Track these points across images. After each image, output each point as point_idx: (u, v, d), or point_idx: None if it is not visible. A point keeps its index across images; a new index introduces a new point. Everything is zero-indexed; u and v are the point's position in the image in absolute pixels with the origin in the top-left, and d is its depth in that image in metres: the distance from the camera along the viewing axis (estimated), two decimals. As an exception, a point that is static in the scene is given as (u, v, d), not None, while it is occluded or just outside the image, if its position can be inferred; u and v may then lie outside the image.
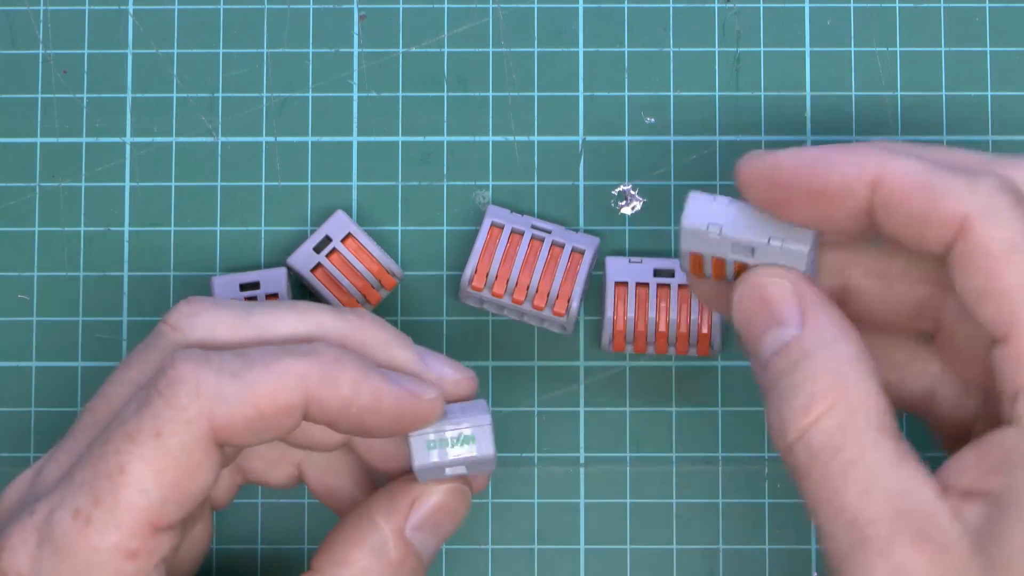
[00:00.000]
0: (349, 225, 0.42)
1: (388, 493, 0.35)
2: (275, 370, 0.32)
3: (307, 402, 0.32)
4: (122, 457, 0.31)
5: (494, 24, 0.45)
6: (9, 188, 0.44)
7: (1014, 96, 0.44)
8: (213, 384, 0.31)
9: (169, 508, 0.31)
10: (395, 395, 0.33)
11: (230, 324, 0.34)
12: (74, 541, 0.31)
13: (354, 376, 0.32)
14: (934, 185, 0.30)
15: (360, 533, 0.34)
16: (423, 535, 0.35)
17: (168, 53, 0.44)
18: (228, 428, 0.31)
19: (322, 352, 0.33)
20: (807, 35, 0.44)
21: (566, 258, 0.42)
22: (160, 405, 0.31)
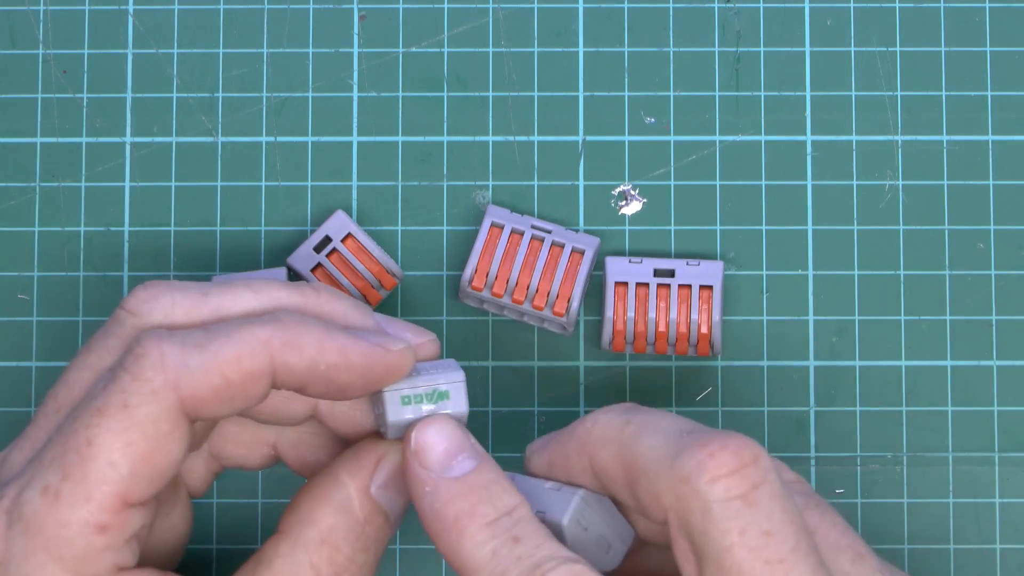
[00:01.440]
0: (349, 225, 0.42)
1: (354, 452, 0.35)
2: (237, 338, 0.32)
3: (273, 367, 0.32)
4: (90, 431, 0.31)
5: (494, 24, 0.45)
6: (9, 188, 0.44)
7: (1014, 96, 0.44)
8: (178, 355, 0.31)
9: (139, 482, 0.31)
10: (362, 349, 0.33)
11: (187, 307, 0.34)
12: (44, 517, 0.31)
13: (318, 336, 0.32)
14: (636, 471, 0.32)
15: (325, 491, 0.34)
16: (389, 493, 0.35)
17: (168, 53, 0.44)
18: (196, 398, 0.31)
19: (284, 318, 0.33)
20: (807, 35, 0.44)
21: (566, 258, 0.42)
22: (126, 379, 0.31)
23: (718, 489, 0.30)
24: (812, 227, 0.44)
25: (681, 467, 0.30)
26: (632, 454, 0.32)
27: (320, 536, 0.34)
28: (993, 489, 0.43)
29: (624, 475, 0.32)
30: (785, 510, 0.30)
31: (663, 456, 0.31)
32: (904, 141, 0.44)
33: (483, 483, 0.33)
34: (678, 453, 0.31)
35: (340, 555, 0.34)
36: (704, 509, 0.30)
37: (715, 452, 0.30)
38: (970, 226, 0.44)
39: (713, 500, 0.30)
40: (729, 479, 0.30)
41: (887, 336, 0.43)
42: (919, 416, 0.43)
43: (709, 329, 0.42)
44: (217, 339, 0.32)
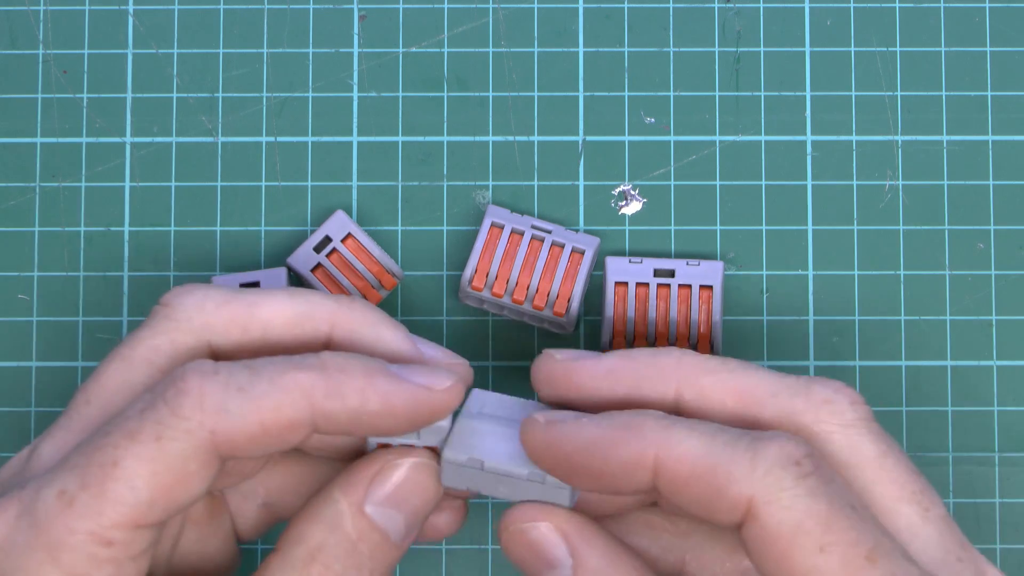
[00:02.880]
0: (349, 225, 0.42)
1: (349, 468, 0.35)
2: (280, 384, 0.32)
3: (313, 417, 0.32)
4: (119, 452, 0.31)
5: (494, 24, 0.45)
6: (9, 188, 0.44)
7: (1014, 96, 0.44)
8: (218, 398, 0.31)
9: (154, 509, 0.31)
10: (406, 394, 0.32)
11: (219, 299, 0.34)
12: (53, 519, 0.31)
13: (360, 384, 0.32)
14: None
15: (316, 509, 0.34)
16: (387, 511, 0.34)
17: (168, 53, 0.44)
18: (231, 442, 0.31)
19: (327, 361, 0.32)
20: (807, 35, 0.44)
21: (566, 258, 0.42)
22: (164, 412, 0.31)
23: (861, 411, 0.33)
24: (812, 227, 0.44)
25: (821, 392, 0.33)
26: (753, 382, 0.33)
27: (309, 553, 0.33)
28: (993, 489, 0.43)
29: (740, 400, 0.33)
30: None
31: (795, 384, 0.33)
32: (904, 141, 0.44)
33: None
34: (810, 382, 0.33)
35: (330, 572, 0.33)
36: (851, 426, 0.32)
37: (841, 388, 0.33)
38: (970, 226, 0.44)
39: (858, 418, 0.32)
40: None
41: (887, 336, 0.43)
42: (919, 416, 0.43)
43: (709, 329, 0.42)
44: (259, 383, 0.32)
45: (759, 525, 0.30)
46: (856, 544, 0.30)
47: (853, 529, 0.30)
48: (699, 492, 0.31)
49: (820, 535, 0.30)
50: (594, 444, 0.32)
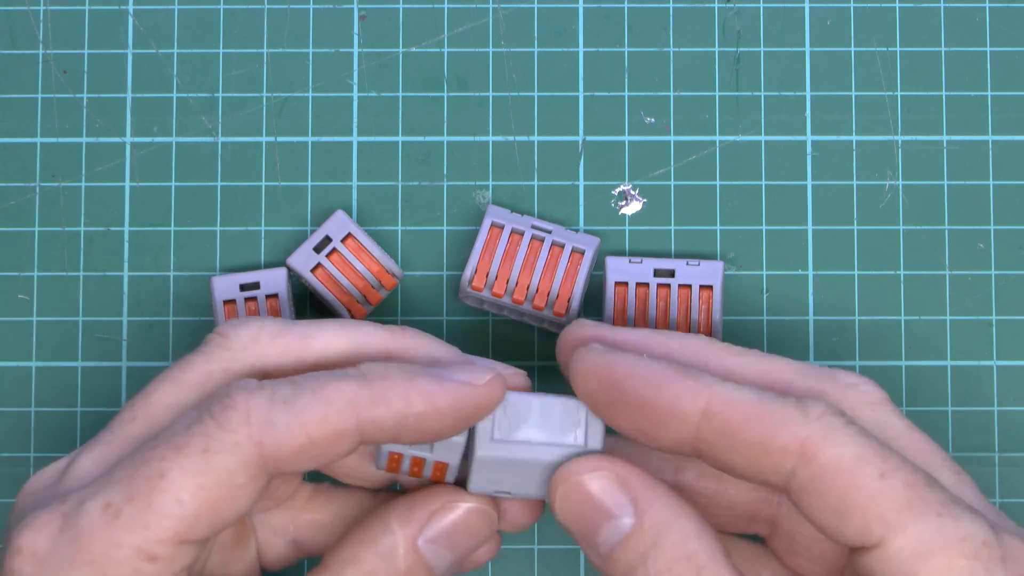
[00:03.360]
0: (349, 225, 0.42)
1: (408, 500, 0.35)
2: (323, 396, 0.32)
3: (360, 425, 0.32)
4: (165, 464, 0.31)
5: (494, 24, 0.45)
6: (9, 188, 0.44)
7: (1014, 96, 0.44)
8: (264, 411, 0.31)
9: (200, 524, 0.31)
10: (449, 392, 0.33)
11: (274, 331, 0.34)
12: (97, 532, 0.31)
13: (402, 387, 0.32)
14: (768, 414, 0.31)
15: (372, 535, 0.34)
16: (438, 548, 0.35)
17: (168, 53, 0.44)
18: (279, 455, 0.32)
19: (368, 370, 0.33)
20: (807, 35, 0.44)
21: (566, 258, 0.42)
22: (211, 426, 0.31)
23: (883, 394, 0.34)
24: (812, 227, 0.44)
25: (845, 378, 0.34)
26: (779, 365, 0.34)
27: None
28: (993, 489, 0.43)
29: (764, 381, 0.34)
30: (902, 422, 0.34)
31: (816, 370, 0.34)
32: (904, 141, 0.44)
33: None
34: (833, 371, 0.34)
35: None
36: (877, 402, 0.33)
37: (863, 376, 0.34)
38: (970, 226, 0.44)
39: (884, 398, 0.34)
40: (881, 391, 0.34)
41: (887, 336, 0.43)
42: (920, 416, 0.43)
43: (709, 329, 0.42)
44: (303, 396, 0.32)
45: (816, 464, 0.30)
46: (914, 471, 0.31)
47: (907, 461, 0.31)
48: (750, 437, 0.31)
49: (880, 463, 0.30)
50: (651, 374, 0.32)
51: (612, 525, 0.33)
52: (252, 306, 0.42)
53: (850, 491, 0.30)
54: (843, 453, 0.30)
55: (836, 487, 0.30)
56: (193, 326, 0.43)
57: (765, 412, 0.31)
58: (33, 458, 0.43)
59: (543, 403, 0.34)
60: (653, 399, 0.32)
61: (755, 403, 0.31)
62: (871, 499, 0.30)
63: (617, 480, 0.33)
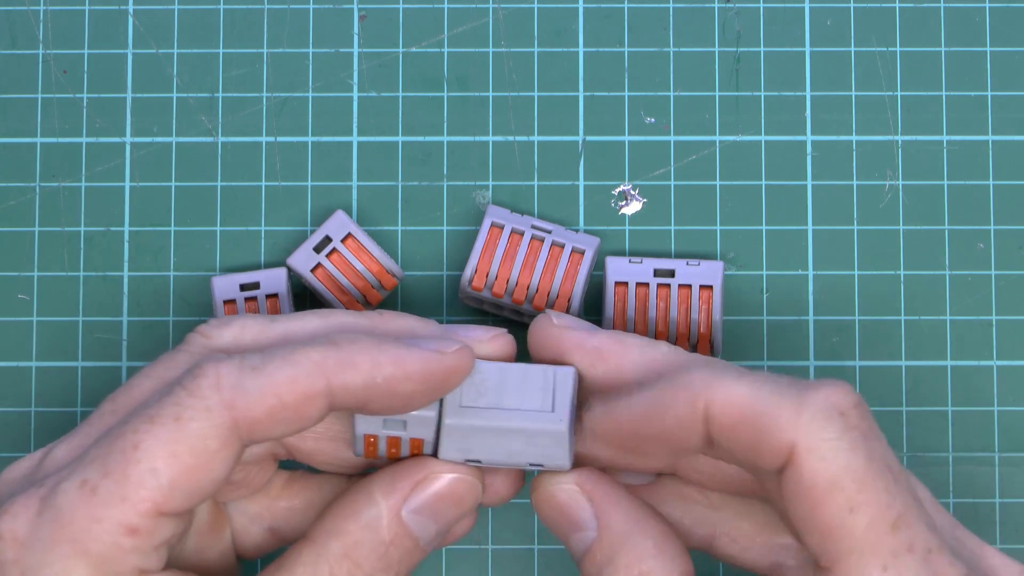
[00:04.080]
0: (349, 225, 0.42)
1: (392, 471, 0.35)
2: (292, 360, 0.32)
3: (330, 387, 0.32)
4: (138, 436, 0.31)
5: (494, 24, 0.45)
6: (9, 188, 0.44)
7: (1014, 96, 0.44)
8: (235, 376, 0.32)
9: (176, 494, 0.31)
10: (417, 357, 0.33)
11: (256, 330, 0.35)
12: (76, 509, 0.31)
13: (370, 351, 0.33)
14: (761, 414, 0.31)
15: (356, 507, 0.35)
16: (422, 518, 0.35)
17: (168, 53, 0.44)
18: (250, 419, 0.32)
19: (338, 338, 0.33)
20: (807, 35, 0.44)
21: (566, 258, 0.42)
22: (182, 394, 0.32)
23: (854, 416, 0.31)
24: (812, 227, 0.44)
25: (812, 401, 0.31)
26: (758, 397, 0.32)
27: (343, 549, 0.34)
28: (993, 489, 0.43)
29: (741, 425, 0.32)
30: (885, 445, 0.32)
31: (789, 397, 0.31)
32: (904, 141, 0.44)
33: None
34: (804, 390, 0.31)
35: (359, 571, 0.34)
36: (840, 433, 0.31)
37: (838, 388, 0.31)
38: (970, 226, 0.44)
39: (850, 428, 0.31)
40: (855, 410, 0.31)
41: (887, 336, 0.43)
42: (919, 416, 0.43)
43: (709, 329, 0.42)
44: (273, 361, 0.32)
45: (797, 473, 0.30)
46: (886, 508, 0.30)
47: (886, 492, 0.30)
48: (746, 437, 0.31)
49: (853, 493, 0.30)
50: (647, 413, 0.33)
51: (579, 536, 0.34)
52: (252, 306, 0.42)
53: (816, 511, 0.30)
54: (821, 471, 0.30)
55: (807, 503, 0.31)
56: (193, 326, 0.43)
57: (759, 412, 0.31)
58: (33, 458, 0.43)
59: (511, 370, 0.35)
60: (660, 430, 0.33)
61: (750, 402, 0.31)
62: (831, 528, 0.30)
63: (582, 493, 0.34)
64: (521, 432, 0.34)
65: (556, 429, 0.34)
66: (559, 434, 0.34)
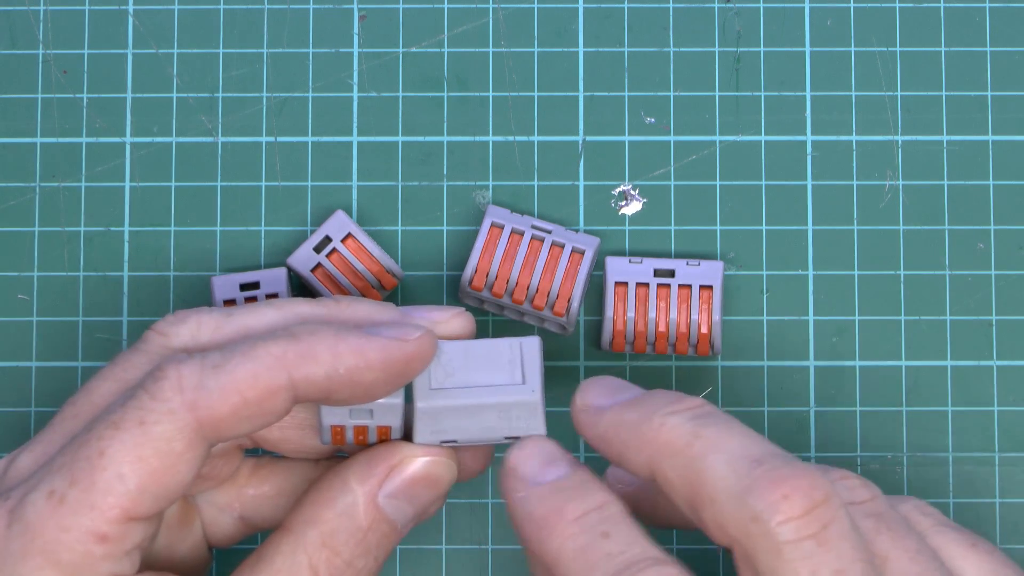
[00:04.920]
0: (349, 225, 0.42)
1: (366, 457, 0.35)
2: (252, 355, 0.32)
3: (292, 380, 0.32)
4: (103, 443, 0.31)
5: (494, 24, 0.45)
6: (9, 188, 0.44)
7: (1014, 96, 0.44)
8: (196, 376, 0.32)
9: (145, 498, 0.31)
10: (378, 345, 0.33)
11: (213, 325, 0.34)
12: (45, 520, 0.31)
13: (331, 342, 0.33)
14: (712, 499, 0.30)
15: (331, 494, 0.35)
16: (398, 502, 0.35)
17: (168, 53, 0.44)
18: (214, 418, 0.32)
19: (297, 330, 0.33)
20: (807, 35, 0.44)
21: (566, 258, 0.42)
22: (144, 398, 0.32)
23: (789, 530, 0.29)
24: (812, 227, 0.44)
25: (752, 506, 0.29)
26: (699, 479, 0.30)
27: (321, 538, 0.34)
28: (993, 489, 0.43)
29: (688, 493, 0.31)
30: (855, 547, 0.30)
31: (732, 489, 0.30)
32: (904, 141, 0.44)
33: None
34: (749, 490, 0.30)
35: (339, 559, 0.34)
36: (774, 550, 0.29)
37: (789, 494, 0.29)
38: (970, 226, 0.44)
39: (784, 541, 0.29)
40: (801, 520, 0.29)
41: (887, 336, 0.43)
42: (919, 416, 0.43)
43: (709, 329, 0.42)
44: (233, 358, 0.32)
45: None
46: None
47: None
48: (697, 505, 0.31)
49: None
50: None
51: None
52: (252, 306, 0.42)
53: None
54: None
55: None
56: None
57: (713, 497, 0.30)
58: (33, 458, 0.43)
59: (477, 347, 0.35)
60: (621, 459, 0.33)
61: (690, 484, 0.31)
62: None
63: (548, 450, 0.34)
64: (495, 407, 0.34)
65: (530, 400, 0.34)
66: (533, 404, 0.34)
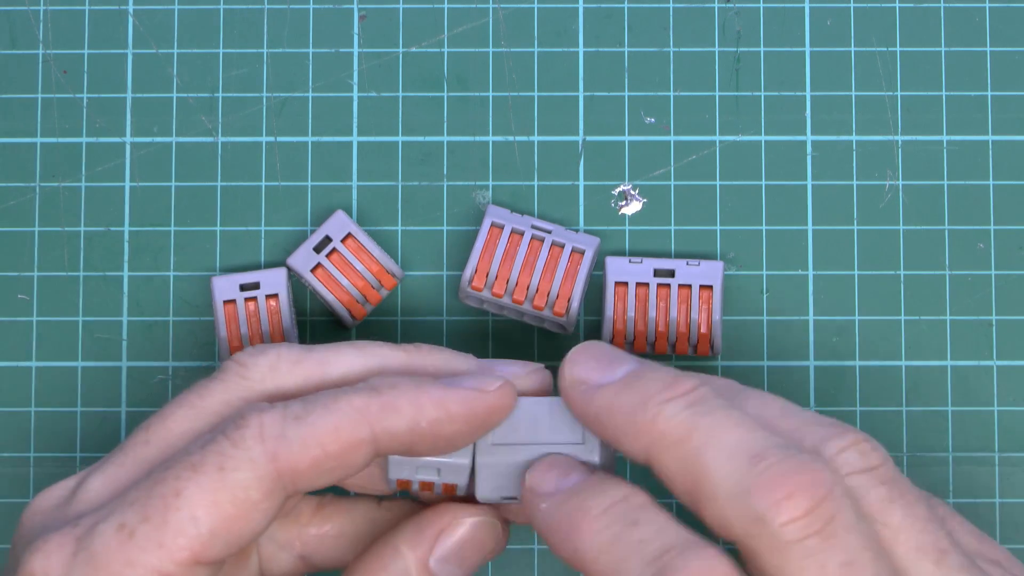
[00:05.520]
0: (349, 225, 0.42)
1: (415, 522, 0.35)
2: (335, 408, 0.32)
3: (374, 434, 0.32)
4: (180, 483, 0.31)
5: (494, 24, 0.45)
6: (9, 188, 0.44)
7: (1014, 96, 0.44)
8: (278, 427, 0.32)
9: (215, 543, 0.31)
10: (459, 397, 0.33)
11: (292, 359, 0.35)
12: (112, 553, 0.31)
13: (412, 395, 0.32)
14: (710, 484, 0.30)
15: (383, 561, 0.34)
16: (448, 567, 0.35)
17: (168, 53, 0.44)
18: (294, 470, 0.32)
19: (378, 383, 0.33)
20: (807, 35, 0.44)
21: (566, 258, 0.42)
22: (225, 444, 0.32)
23: (794, 530, 0.29)
24: (812, 227, 0.44)
25: (754, 506, 0.29)
26: (698, 474, 0.30)
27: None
28: (993, 489, 0.43)
29: (688, 486, 0.30)
30: (861, 537, 0.29)
31: (733, 488, 0.29)
32: (904, 141, 0.44)
33: (592, 483, 0.32)
34: (750, 490, 0.29)
35: None
36: (780, 549, 0.29)
37: (792, 493, 0.29)
38: (970, 226, 0.44)
39: (789, 541, 0.29)
40: (805, 519, 0.29)
41: (887, 336, 0.43)
42: (919, 416, 0.43)
43: (709, 329, 0.42)
44: (315, 411, 0.32)
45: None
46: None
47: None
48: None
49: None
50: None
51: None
52: (252, 306, 0.42)
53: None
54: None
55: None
56: (193, 326, 0.43)
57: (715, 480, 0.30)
58: (33, 458, 0.43)
59: (540, 404, 0.35)
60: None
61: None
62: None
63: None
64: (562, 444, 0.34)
65: (588, 461, 0.34)
66: (591, 466, 0.34)
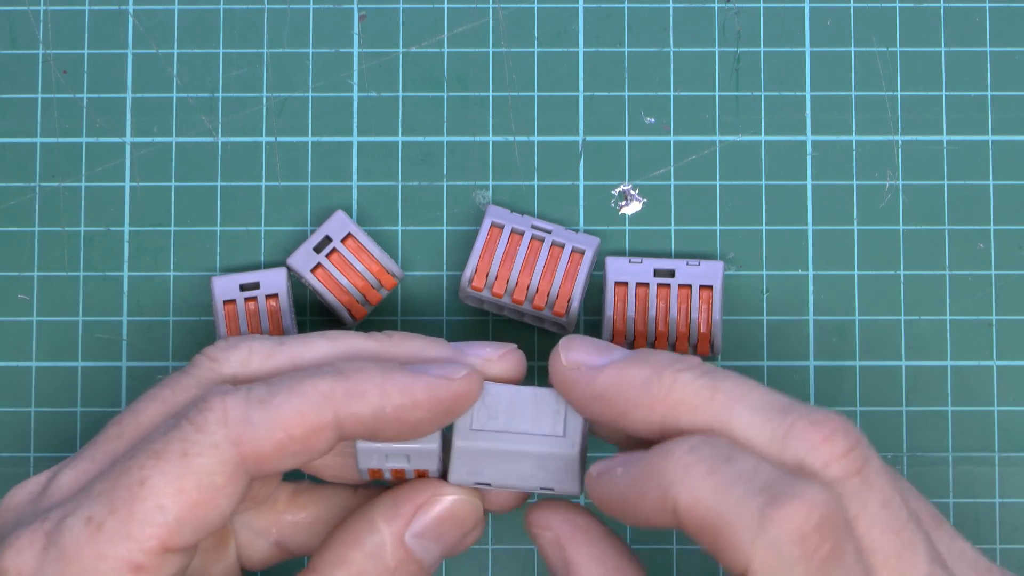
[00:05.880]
0: (349, 225, 0.42)
1: (392, 496, 0.35)
2: (299, 391, 0.32)
3: (338, 418, 0.32)
4: (144, 472, 0.31)
5: (494, 24, 0.45)
6: (9, 188, 0.44)
7: (1014, 96, 0.44)
8: (241, 410, 0.32)
9: (183, 530, 0.31)
10: (424, 384, 0.33)
11: (264, 353, 0.34)
12: (81, 547, 0.31)
13: (379, 380, 0.32)
14: (722, 526, 0.30)
15: (358, 535, 0.34)
16: (425, 542, 0.35)
17: (168, 53, 0.44)
18: (258, 453, 0.32)
19: (344, 367, 0.33)
20: (807, 35, 0.44)
21: (566, 258, 0.42)
22: (188, 429, 0.32)
23: (837, 469, 0.30)
24: (812, 227, 0.44)
25: (794, 451, 0.30)
26: (727, 431, 0.31)
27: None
28: (993, 489, 0.43)
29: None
30: (892, 480, 0.31)
31: (769, 436, 0.30)
32: (904, 141, 0.44)
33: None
34: (787, 436, 0.30)
35: None
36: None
37: (830, 436, 0.30)
38: (970, 226, 0.44)
39: (832, 480, 0.30)
40: (845, 459, 0.30)
41: (887, 336, 0.43)
42: (919, 416, 0.43)
43: (709, 329, 0.42)
44: (279, 394, 0.32)
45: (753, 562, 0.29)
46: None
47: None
48: (708, 542, 0.30)
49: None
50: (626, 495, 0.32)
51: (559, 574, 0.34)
52: (252, 306, 0.42)
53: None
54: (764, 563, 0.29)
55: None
56: (193, 326, 0.43)
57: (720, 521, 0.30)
58: (33, 458, 0.43)
59: (522, 393, 0.35)
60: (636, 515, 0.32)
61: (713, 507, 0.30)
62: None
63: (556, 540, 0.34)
64: (531, 456, 0.34)
65: (567, 454, 0.34)
66: (570, 459, 0.34)
